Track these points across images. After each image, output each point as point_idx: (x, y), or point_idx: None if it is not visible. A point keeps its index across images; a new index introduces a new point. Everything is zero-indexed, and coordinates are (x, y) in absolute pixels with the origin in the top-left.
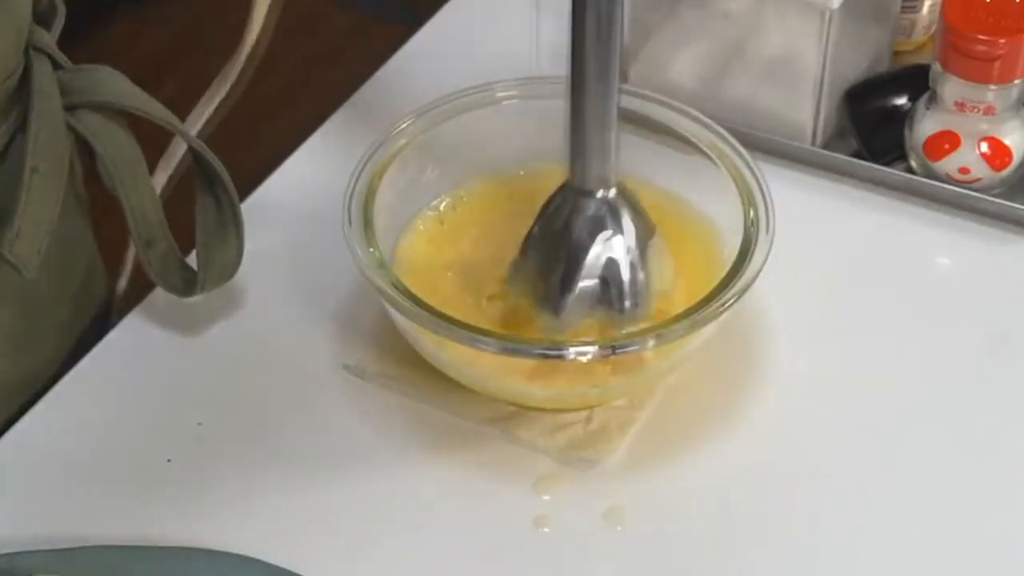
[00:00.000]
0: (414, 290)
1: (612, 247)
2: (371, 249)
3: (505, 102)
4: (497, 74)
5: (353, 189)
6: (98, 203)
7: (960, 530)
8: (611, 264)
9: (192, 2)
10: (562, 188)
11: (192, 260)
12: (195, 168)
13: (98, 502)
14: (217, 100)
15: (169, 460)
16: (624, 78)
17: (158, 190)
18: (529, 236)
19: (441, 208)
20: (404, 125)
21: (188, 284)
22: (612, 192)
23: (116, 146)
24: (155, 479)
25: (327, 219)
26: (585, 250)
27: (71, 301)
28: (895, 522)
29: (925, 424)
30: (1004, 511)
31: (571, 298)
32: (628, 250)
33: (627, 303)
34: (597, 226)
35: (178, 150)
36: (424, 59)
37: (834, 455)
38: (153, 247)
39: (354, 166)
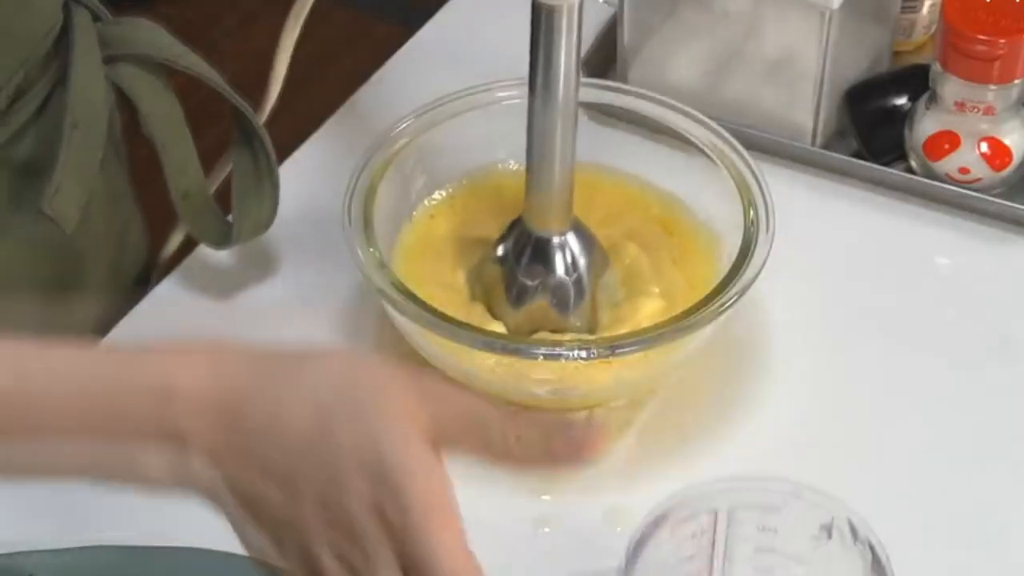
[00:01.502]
0: (410, 282)
1: (561, 283)
2: (371, 249)
3: (505, 102)
4: (497, 74)
5: (353, 189)
6: (138, 162)
7: (961, 529)
8: (560, 292)
9: (192, 2)
10: (519, 222)
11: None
12: (234, 123)
13: (98, 502)
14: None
15: None
16: (624, 78)
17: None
18: (487, 260)
19: (435, 202)
20: (404, 125)
21: (223, 237)
22: (566, 235)
23: (155, 99)
24: None
25: (327, 218)
26: (532, 288)
27: (110, 257)
28: (896, 522)
29: (925, 424)
30: (1005, 510)
31: (520, 316)
32: (576, 284)
33: (572, 319)
34: (548, 266)
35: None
36: (424, 59)
37: (833, 453)
38: (189, 199)
39: (354, 166)
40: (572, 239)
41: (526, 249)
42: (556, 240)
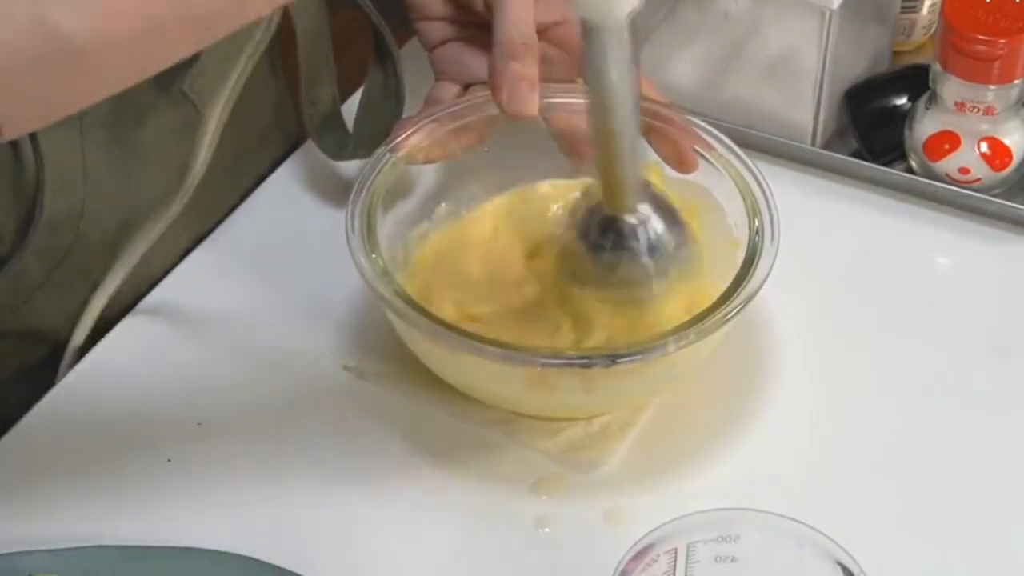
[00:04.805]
0: (421, 290)
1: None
2: (373, 256)
3: None
4: None
5: (357, 196)
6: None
7: (963, 530)
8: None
9: None
10: (594, 207)
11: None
12: (373, 43)
13: (98, 502)
14: (162, 225)
15: (169, 460)
16: None
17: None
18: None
19: (442, 209)
20: (408, 131)
21: (341, 148)
22: (640, 212)
23: (305, 9)
24: (155, 479)
25: (329, 219)
26: (614, 264)
27: (255, 146)
28: (896, 523)
29: (924, 424)
30: (1006, 510)
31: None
32: (655, 253)
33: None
34: (631, 239)
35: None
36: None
37: (834, 453)
38: (316, 106)
39: (358, 172)
40: (647, 216)
41: (605, 228)
42: (630, 218)
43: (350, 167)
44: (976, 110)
